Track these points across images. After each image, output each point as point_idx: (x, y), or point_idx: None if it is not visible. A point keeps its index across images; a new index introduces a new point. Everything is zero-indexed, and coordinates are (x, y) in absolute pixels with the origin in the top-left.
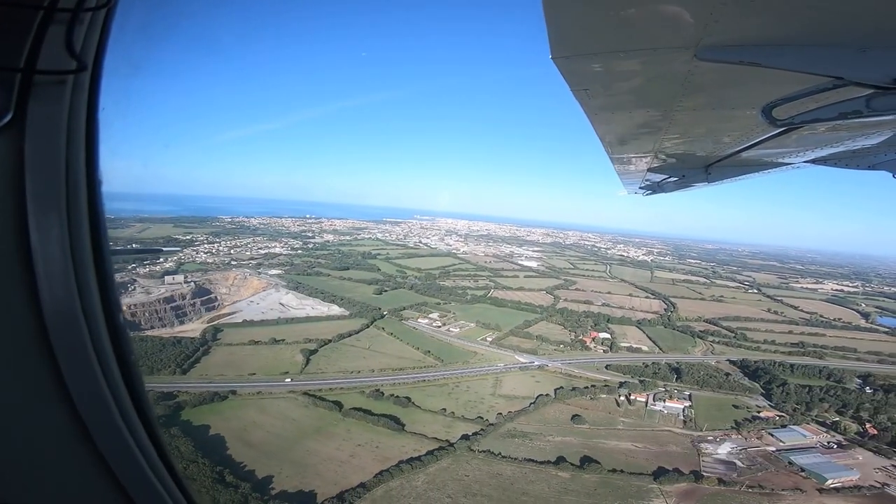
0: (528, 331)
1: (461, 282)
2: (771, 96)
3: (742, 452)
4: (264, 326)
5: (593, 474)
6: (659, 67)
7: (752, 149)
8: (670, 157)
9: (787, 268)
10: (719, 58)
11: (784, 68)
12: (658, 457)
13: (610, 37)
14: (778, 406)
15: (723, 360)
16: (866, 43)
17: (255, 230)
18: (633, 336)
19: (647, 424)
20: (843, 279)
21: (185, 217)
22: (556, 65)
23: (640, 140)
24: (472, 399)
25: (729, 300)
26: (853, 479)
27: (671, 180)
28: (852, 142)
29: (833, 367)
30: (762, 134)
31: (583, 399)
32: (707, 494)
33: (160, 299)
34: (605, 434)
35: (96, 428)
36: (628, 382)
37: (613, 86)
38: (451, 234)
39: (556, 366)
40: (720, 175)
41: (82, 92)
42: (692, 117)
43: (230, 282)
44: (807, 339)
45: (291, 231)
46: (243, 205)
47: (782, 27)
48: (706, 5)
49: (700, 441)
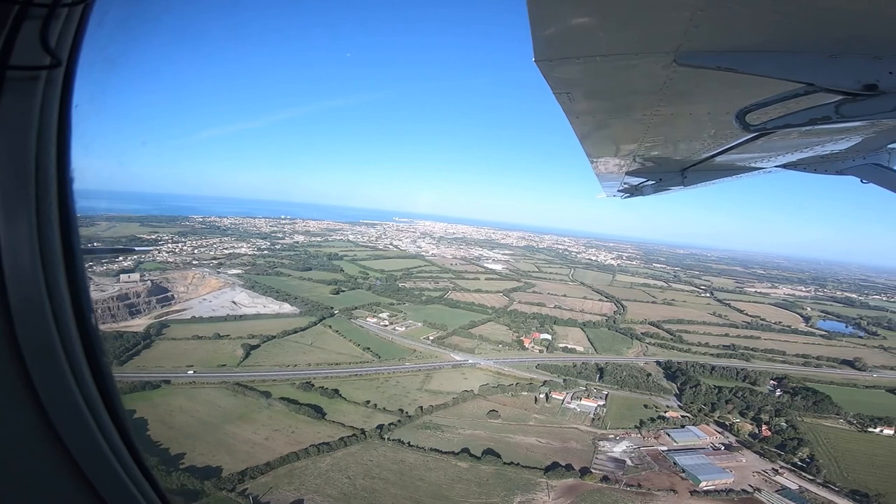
0: (472, 331)
1: (421, 283)
2: (745, 102)
3: (635, 451)
4: (212, 323)
5: (490, 466)
6: (640, 72)
7: (726, 153)
8: (648, 160)
9: (748, 272)
10: (698, 63)
11: (759, 74)
12: (557, 452)
13: (593, 41)
14: (685, 407)
15: (651, 361)
16: (837, 50)
17: (226, 230)
18: (574, 337)
19: (557, 422)
20: (800, 284)
21: (155, 216)
22: (539, 68)
23: (619, 144)
24: (398, 393)
25: (679, 304)
26: (727, 482)
27: (648, 184)
28: (821, 147)
29: (752, 369)
30: (736, 139)
31: (504, 396)
32: (587, 491)
33: (113, 296)
34: (514, 429)
35: (66, 430)
36: (552, 381)
37: (595, 90)
38: (425, 236)
39: (488, 364)
40: (695, 179)
41: (55, 88)
42: (670, 122)
43: (188, 280)
44: (741, 341)
45: (262, 232)
46: (220, 204)
47: (758, 34)
48: (687, 11)
49: (600, 439)
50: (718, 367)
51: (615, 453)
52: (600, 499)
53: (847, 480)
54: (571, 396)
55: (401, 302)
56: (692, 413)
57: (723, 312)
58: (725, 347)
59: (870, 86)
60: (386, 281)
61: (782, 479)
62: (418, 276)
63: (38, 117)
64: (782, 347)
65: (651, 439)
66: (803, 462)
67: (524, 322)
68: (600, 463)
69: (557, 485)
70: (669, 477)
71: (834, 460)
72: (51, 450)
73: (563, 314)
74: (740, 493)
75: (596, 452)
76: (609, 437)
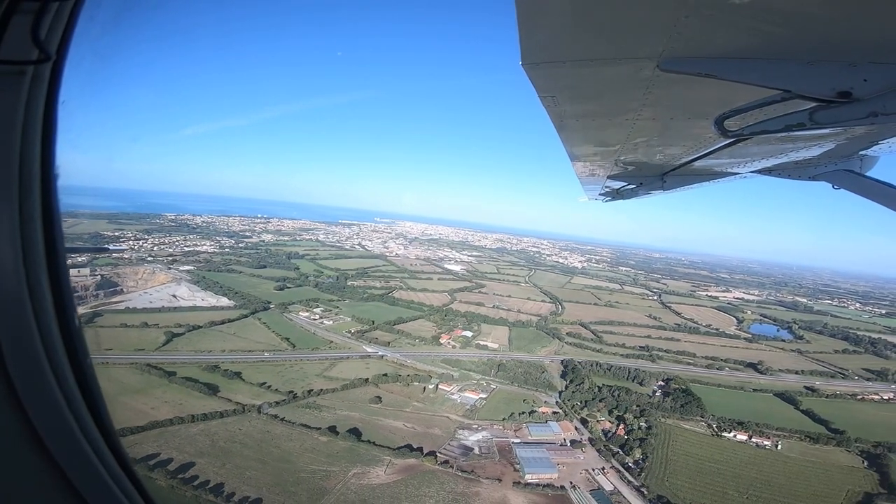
0: (397, 327)
1: (371, 282)
2: (724, 108)
3: (487, 441)
4: (146, 313)
5: (347, 442)
6: (624, 77)
7: (705, 158)
8: (629, 164)
9: (712, 276)
10: (680, 69)
11: (738, 81)
12: (416, 436)
13: (579, 45)
14: (561, 403)
15: (557, 359)
16: (814, 57)
17: (195, 228)
18: (496, 336)
19: (434, 410)
20: (755, 288)
21: (126, 213)
22: (525, 71)
23: (602, 147)
24: (296, 377)
25: (622, 306)
26: (550, 477)
27: (629, 187)
28: (795, 153)
29: (654, 369)
30: (714, 144)
31: (395, 385)
32: (421, 471)
33: None
34: (388, 414)
35: (49, 433)
36: (446, 374)
37: (580, 94)
38: (399, 237)
39: (395, 357)
40: (675, 183)
41: (42, 83)
42: (652, 126)
43: (139, 276)
44: (660, 343)
45: (231, 230)
46: (202, 202)
47: (739, 41)
48: (671, 17)
49: (463, 428)
50: (616, 366)
51: (468, 441)
52: (428, 479)
53: (662, 486)
54: (459, 389)
55: (342, 299)
56: (563, 410)
57: (660, 315)
58: (641, 348)
59: (844, 93)
60: (336, 279)
61: (604, 478)
62: (372, 275)
63: (23, 113)
64: (697, 350)
65: (509, 432)
66: (635, 463)
67: (453, 320)
68: (449, 449)
69: (398, 463)
70: (504, 467)
71: (665, 464)
72: (31, 449)
73: (498, 314)
74: (558, 489)
75: (451, 439)
76: (473, 426)
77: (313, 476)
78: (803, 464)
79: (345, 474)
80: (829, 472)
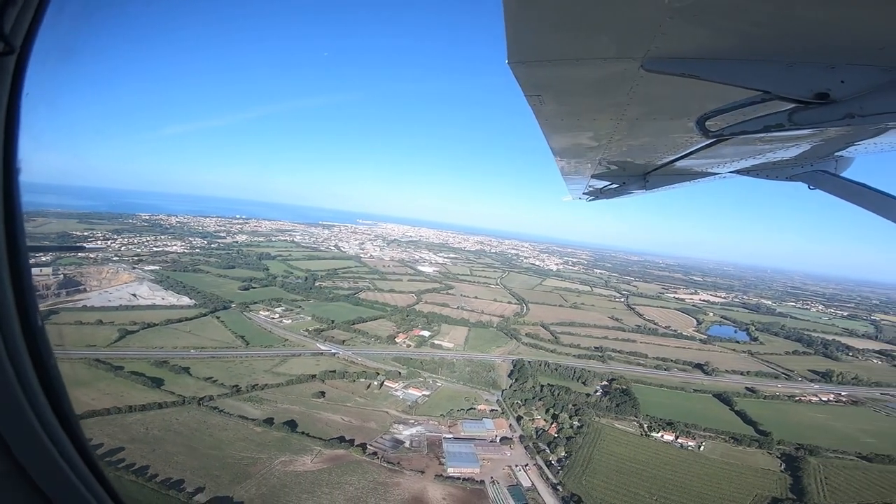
0: (356, 326)
1: (340, 283)
2: (705, 108)
3: (420, 436)
4: (103, 311)
5: (280, 433)
6: (609, 76)
7: (686, 158)
8: (613, 164)
9: (686, 279)
10: (663, 69)
11: (720, 81)
12: (351, 429)
13: (565, 44)
14: (502, 401)
15: (509, 359)
16: (794, 59)
17: (167, 229)
18: (454, 336)
19: (374, 405)
20: (723, 290)
21: (98, 213)
22: (511, 70)
23: (586, 147)
24: (244, 373)
25: (588, 307)
26: (472, 471)
27: (612, 187)
28: (773, 154)
29: (603, 370)
30: (695, 144)
31: (341, 381)
32: (348, 461)
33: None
34: (328, 408)
35: (12, 434)
36: (393, 372)
37: (565, 93)
38: (378, 239)
39: (347, 355)
40: (657, 183)
41: (6, 75)
42: (635, 126)
43: (102, 275)
44: (615, 344)
45: (206, 231)
46: (179, 202)
47: (721, 42)
48: (655, 18)
49: (399, 422)
50: (564, 366)
51: (401, 435)
52: (353, 468)
53: (578, 484)
54: (404, 386)
55: (307, 299)
56: (502, 408)
57: (622, 317)
58: (595, 349)
59: (821, 94)
60: (305, 280)
61: (524, 474)
62: (343, 276)
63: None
64: (650, 351)
65: (444, 427)
66: (558, 461)
67: (414, 320)
68: (381, 441)
69: (327, 453)
70: (430, 460)
71: (587, 462)
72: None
73: (460, 314)
74: (478, 483)
75: (384, 433)
76: (409, 421)
77: (240, 462)
78: (721, 465)
79: (271, 462)
80: (744, 474)
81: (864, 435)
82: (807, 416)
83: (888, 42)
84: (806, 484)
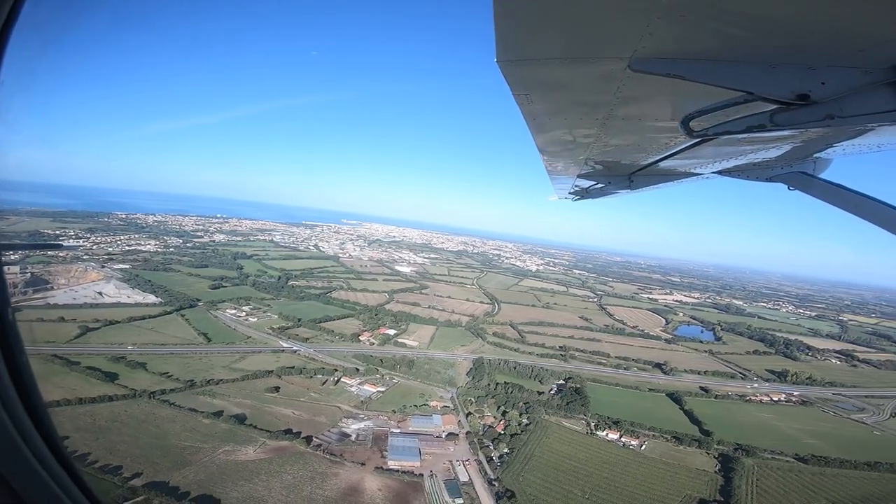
0: (322, 324)
1: (315, 282)
2: (690, 108)
3: (367, 430)
4: (66, 309)
5: (228, 425)
6: (596, 76)
7: (670, 158)
8: (599, 163)
9: (664, 279)
10: (649, 69)
11: (705, 82)
12: (299, 423)
13: (554, 43)
14: (454, 398)
15: (471, 357)
16: (776, 60)
17: (143, 227)
18: (421, 334)
19: (328, 401)
20: (696, 291)
21: (73, 211)
22: (500, 68)
23: (573, 146)
24: (202, 368)
25: (560, 307)
26: (412, 465)
27: (597, 187)
28: (754, 155)
29: (564, 369)
30: (680, 144)
31: (298, 377)
32: (291, 453)
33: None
34: (281, 402)
35: None
36: (353, 369)
37: (553, 92)
38: (360, 239)
39: (308, 352)
40: (641, 183)
41: None
42: (621, 126)
43: (71, 274)
44: (580, 343)
45: (183, 230)
46: (159, 201)
47: (706, 43)
48: (643, 18)
49: (349, 417)
50: (523, 365)
51: (349, 429)
52: (294, 459)
53: (515, 480)
54: (360, 382)
55: (277, 298)
56: (455, 404)
57: (593, 317)
58: (560, 348)
59: (802, 95)
60: (278, 279)
61: (463, 469)
62: (317, 275)
63: None
64: (614, 350)
65: (392, 422)
66: (500, 457)
67: (382, 319)
68: (327, 435)
69: (271, 444)
70: (373, 453)
71: (528, 459)
72: None
73: (430, 314)
74: (416, 476)
75: (332, 427)
76: (360, 416)
77: (182, 451)
78: (658, 465)
79: (214, 451)
80: (679, 474)
81: (806, 436)
82: (753, 416)
83: (868, 44)
84: (736, 485)
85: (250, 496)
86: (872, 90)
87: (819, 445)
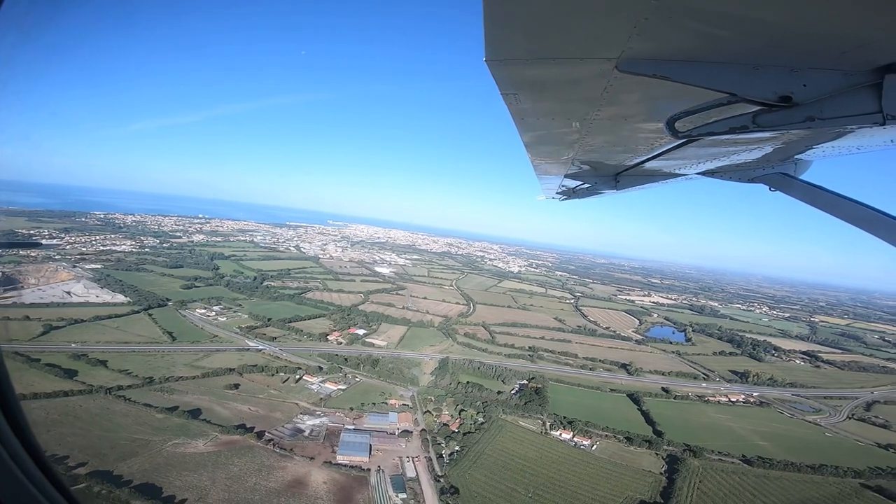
0: (292, 324)
1: (291, 283)
2: (675, 109)
3: (321, 426)
4: (32, 308)
5: (181, 419)
6: (584, 76)
7: (656, 159)
8: (585, 164)
9: (645, 282)
10: (636, 70)
11: (690, 83)
12: (254, 418)
13: (543, 43)
14: (414, 396)
15: (438, 357)
16: (759, 61)
17: (120, 227)
18: (391, 334)
19: (287, 398)
20: (674, 292)
21: (49, 211)
22: (488, 67)
23: (560, 146)
24: (163, 366)
25: (535, 308)
26: (361, 460)
27: (584, 186)
28: (737, 156)
29: (530, 369)
30: (665, 145)
31: (260, 375)
32: (239, 446)
33: None
34: (239, 399)
35: None
36: (316, 367)
37: (541, 92)
38: (343, 239)
39: (274, 350)
40: (627, 184)
41: None
42: (608, 126)
43: (41, 273)
44: (550, 344)
45: (162, 230)
46: (139, 200)
47: (692, 44)
48: (632, 19)
49: (305, 413)
50: (488, 365)
51: (303, 425)
52: (243, 452)
53: (462, 477)
54: (321, 380)
55: (250, 298)
56: (414, 402)
57: (567, 318)
58: (528, 349)
59: (784, 97)
60: (253, 280)
61: (412, 466)
62: (295, 276)
63: None
64: (582, 351)
65: (348, 419)
66: (450, 455)
67: (353, 319)
68: (280, 430)
69: (222, 438)
70: (324, 449)
71: (477, 457)
72: None
73: (403, 314)
74: (364, 471)
75: (287, 423)
76: (317, 413)
77: (131, 444)
78: (606, 465)
79: (163, 444)
80: (625, 475)
81: (758, 437)
82: (709, 417)
83: (849, 46)
84: (678, 487)
85: (193, 485)
86: (852, 92)
87: (768, 447)
